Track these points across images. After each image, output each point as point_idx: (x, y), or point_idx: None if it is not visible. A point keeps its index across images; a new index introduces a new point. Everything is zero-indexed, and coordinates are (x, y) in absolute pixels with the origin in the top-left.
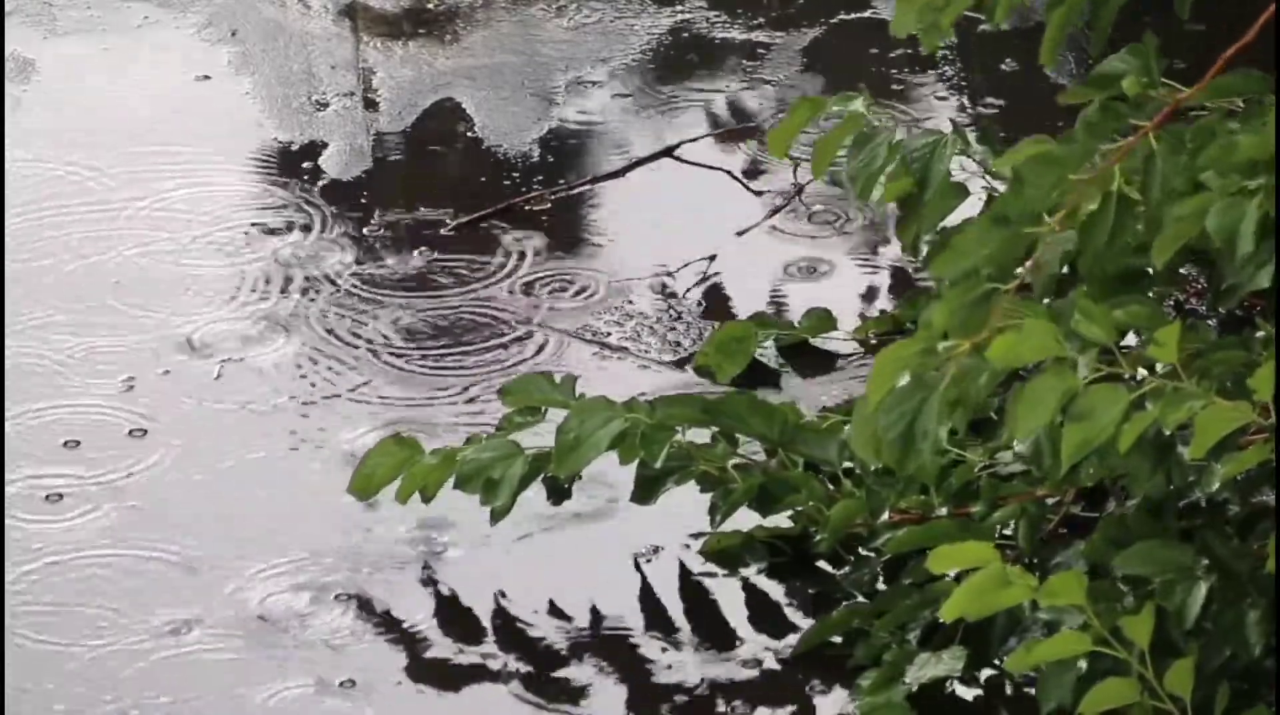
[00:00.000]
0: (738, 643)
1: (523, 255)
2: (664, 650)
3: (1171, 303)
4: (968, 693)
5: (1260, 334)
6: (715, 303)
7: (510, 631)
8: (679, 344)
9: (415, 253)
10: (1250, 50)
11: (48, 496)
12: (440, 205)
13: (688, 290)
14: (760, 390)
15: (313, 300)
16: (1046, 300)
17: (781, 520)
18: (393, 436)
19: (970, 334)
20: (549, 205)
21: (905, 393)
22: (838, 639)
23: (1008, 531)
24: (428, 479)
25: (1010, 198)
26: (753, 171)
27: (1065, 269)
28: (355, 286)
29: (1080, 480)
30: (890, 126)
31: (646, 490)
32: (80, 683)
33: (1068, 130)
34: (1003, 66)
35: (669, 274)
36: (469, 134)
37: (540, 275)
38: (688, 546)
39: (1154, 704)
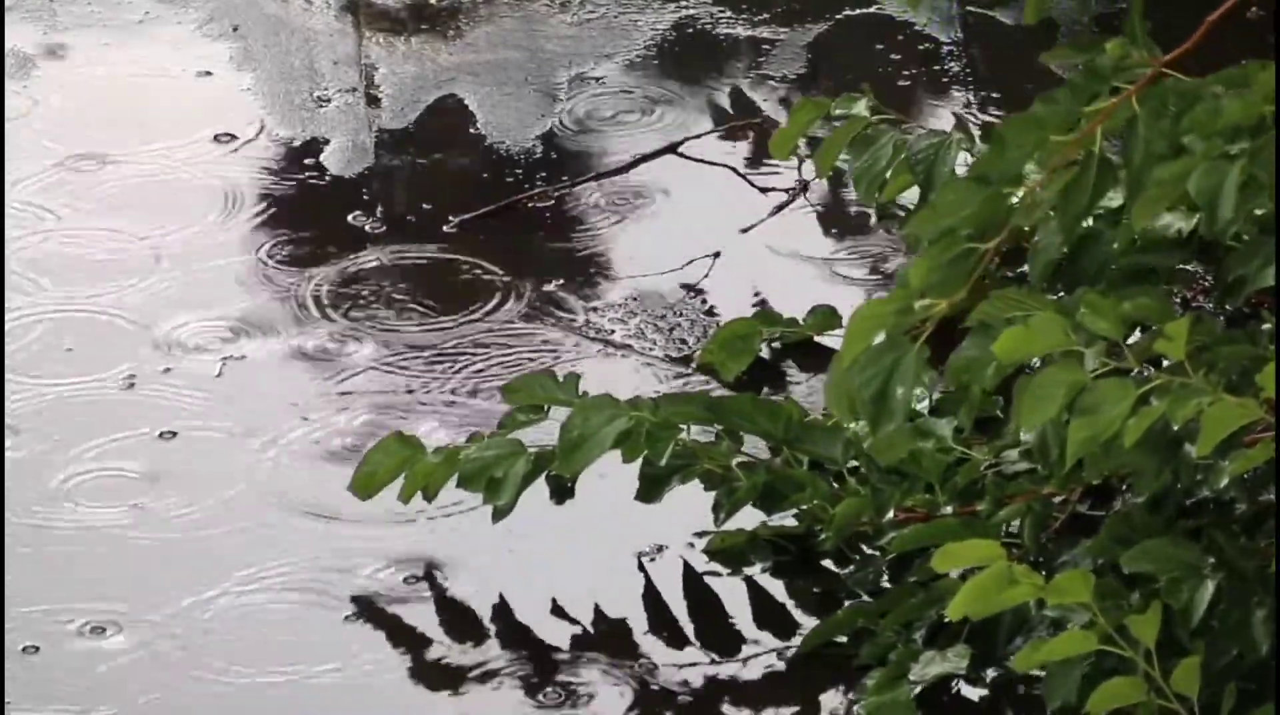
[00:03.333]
0: (742, 642)
1: (525, 252)
2: (668, 650)
3: (1178, 300)
4: (973, 692)
5: (1266, 327)
6: (719, 300)
7: (513, 631)
8: (683, 342)
9: (417, 250)
10: (1243, 22)
11: None
12: (443, 202)
13: (692, 287)
14: (764, 388)
15: (313, 298)
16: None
17: (786, 519)
18: (394, 435)
19: (948, 293)
20: (552, 202)
21: (880, 351)
22: (843, 638)
23: (1013, 529)
24: (430, 478)
25: (991, 158)
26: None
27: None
28: (356, 285)
29: (1085, 477)
30: (894, 127)
31: (651, 489)
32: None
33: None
34: (1007, 62)
35: (673, 271)
36: (472, 130)
37: (542, 272)
38: (691, 545)
39: (1160, 703)
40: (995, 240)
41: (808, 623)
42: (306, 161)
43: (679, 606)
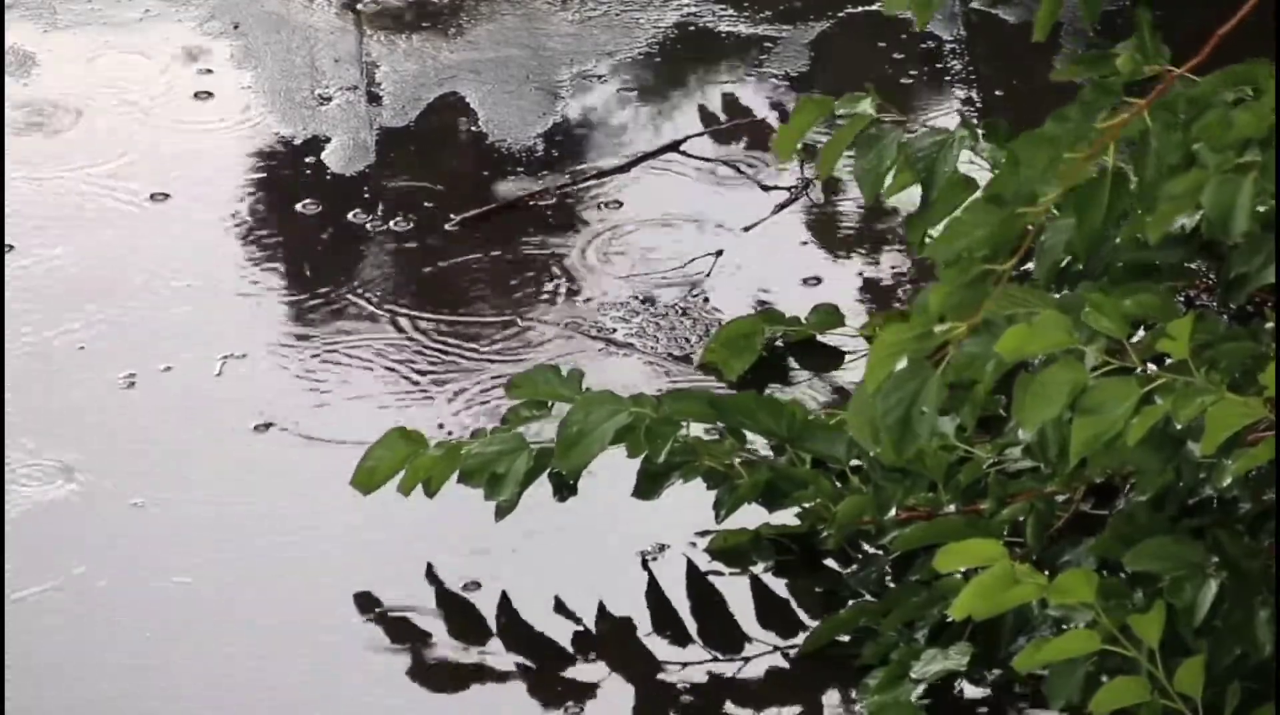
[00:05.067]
0: (745, 641)
1: (526, 251)
2: (671, 649)
3: (1182, 298)
4: (976, 691)
5: (1269, 325)
6: (722, 298)
7: (516, 630)
8: (685, 340)
9: (417, 248)
10: (1248, 23)
11: None
12: (444, 200)
13: (694, 286)
14: (767, 387)
15: (312, 296)
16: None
17: (788, 518)
18: (396, 430)
19: (967, 316)
20: (554, 200)
21: (903, 377)
22: (845, 637)
23: (1017, 528)
24: (431, 472)
25: (1005, 177)
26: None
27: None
28: (357, 283)
29: (1089, 476)
30: (896, 127)
31: (650, 485)
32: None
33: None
34: (1010, 61)
35: (675, 269)
36: (473, 128)
37: (543, 271)
38: (694, 545)
39: (1164, 703)
40: (1011, 261)
41: (810, 622)
42: (307, 159)
43: (682, 606)
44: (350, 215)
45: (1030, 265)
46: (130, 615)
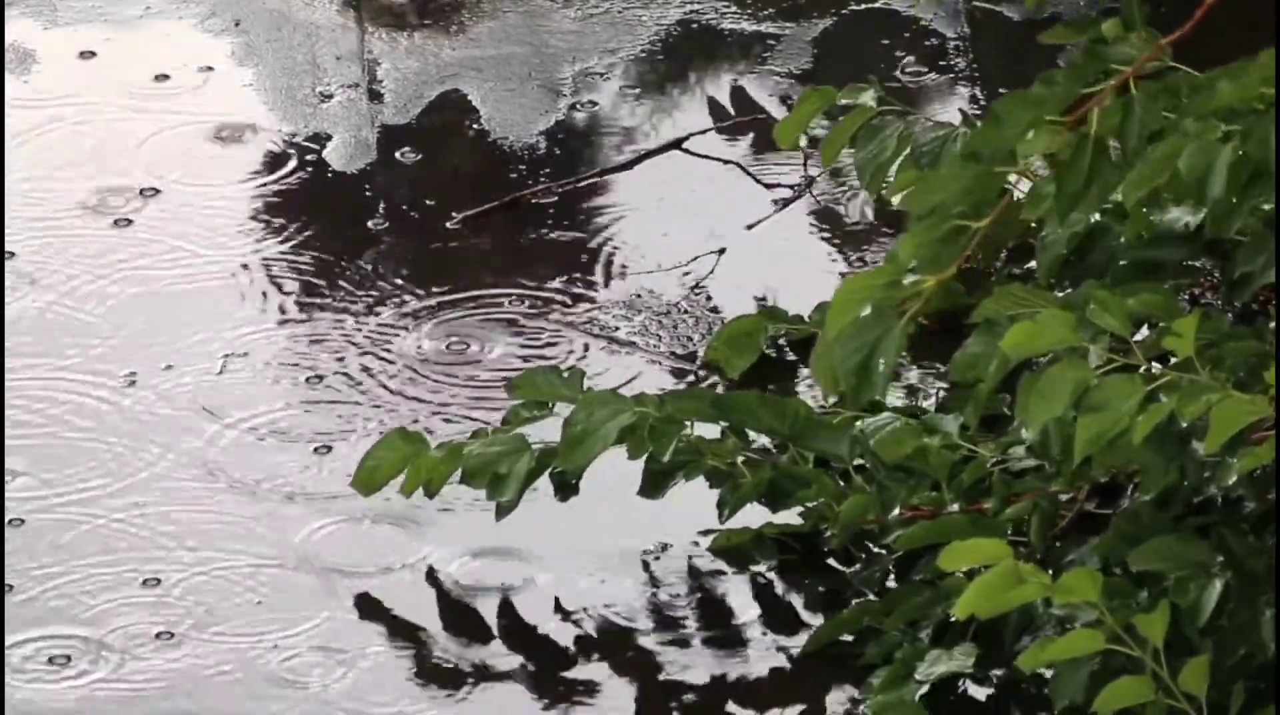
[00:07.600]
0: (747, 641)
1: (528, 249)
2: (673, 649)
3: (1186, 296)
4: (980, 691)
5: (1273, 325)
6: (724, 296)
7: (517, 630)
8: (688, 338)
9: (419, 247)
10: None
11: None
12: (446, 198)
13: (697, 284)
14: (770, 385)
15: (314, 295)
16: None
17: (791, 517)
18: (397, 430)
19: (937, 269)
20: (556, 198)
21: (866, 324)
22: (848, 637)
23: (1021, 528)
24: (433, 473)
25: (985, 134)
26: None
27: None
28: (358, 282)
29: (1093, 475)
30: (900, 118)
31: (654, 485)
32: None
33: None
34: (1013, 57)
35: (678, 268)
36: (475, 126)
37: (546, 269)
38: (696, 544)
39: (1168, 702)
40: (987, 219)
41: (813, 621)
42: (309, 157)
43: (684, 605)
44: (351, 213)
45: (1033, 263)
46: (119, 605)
